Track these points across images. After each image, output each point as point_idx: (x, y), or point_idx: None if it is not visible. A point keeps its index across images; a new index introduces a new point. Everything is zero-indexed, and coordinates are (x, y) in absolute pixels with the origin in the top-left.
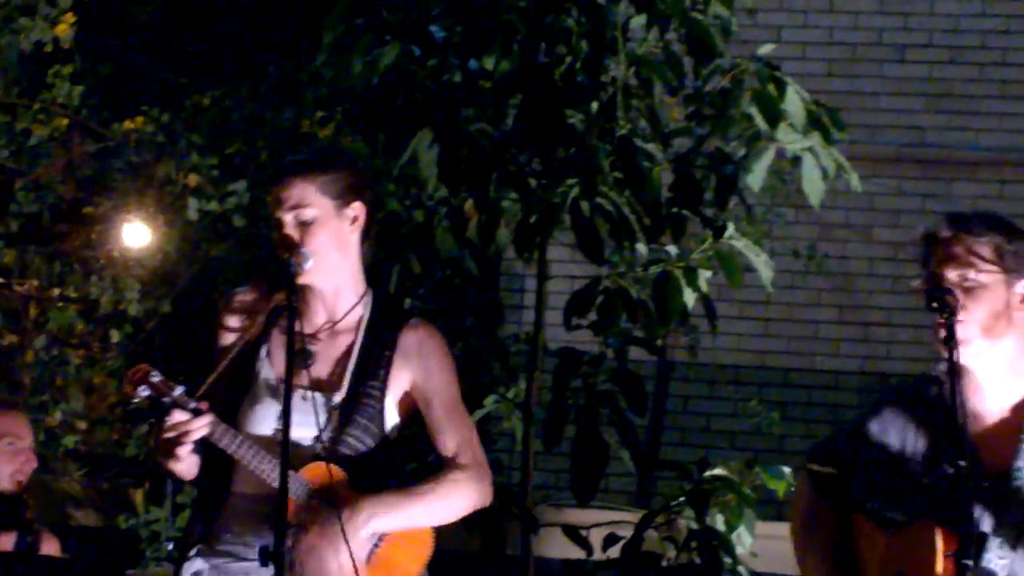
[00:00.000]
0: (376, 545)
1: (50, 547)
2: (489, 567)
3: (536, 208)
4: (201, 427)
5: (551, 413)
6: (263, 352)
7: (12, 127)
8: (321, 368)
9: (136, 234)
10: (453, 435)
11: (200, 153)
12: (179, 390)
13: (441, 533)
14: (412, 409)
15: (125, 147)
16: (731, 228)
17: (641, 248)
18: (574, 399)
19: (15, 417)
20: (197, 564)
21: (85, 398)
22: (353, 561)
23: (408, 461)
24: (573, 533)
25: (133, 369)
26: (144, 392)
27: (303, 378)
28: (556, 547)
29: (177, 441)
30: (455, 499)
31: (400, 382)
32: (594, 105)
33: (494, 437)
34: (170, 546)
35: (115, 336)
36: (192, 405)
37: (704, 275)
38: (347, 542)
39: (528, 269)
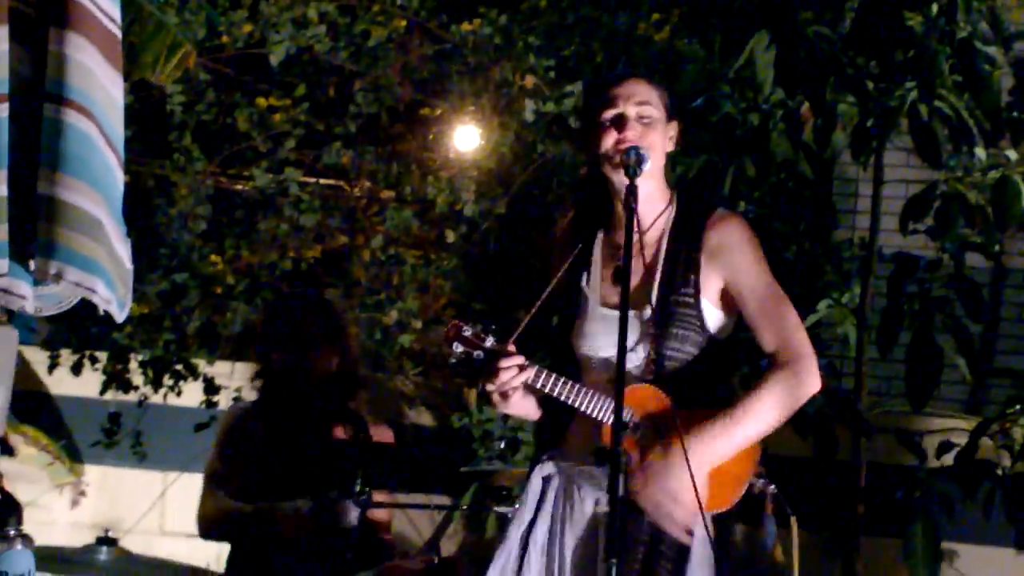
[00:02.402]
0: None
1: (385, 437)
2: (822, 472)
3: (873, 111)
4: (515, 379)
5: (885, 319)
6: (584, 279)
7: (351, 28)
8: (632, 282)
9: (470, 136)
10: (769, 330)
11: (536, 55)
12: (490, 341)
13: (772, 437)
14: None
15: (462, 49)
16: None
17: (980, 152)
18: (909, 305)
19: None
20: (548, 468)
21: (420, 298)
22: (697, 495)
23: (741, 365)
24: (906, 439)
25: (447, 327)
26: (458, 349)
27: (615, 297)
28: (889, 453)
29: (501, 393)
30: (771, 409)
31: (712, 281)
32: (934, 7)
33: (827, 342)
34: (502, 445)
35: (450, 237)
36: (503, 356)
37: None
38: (692, 477)
39: (863, 173)
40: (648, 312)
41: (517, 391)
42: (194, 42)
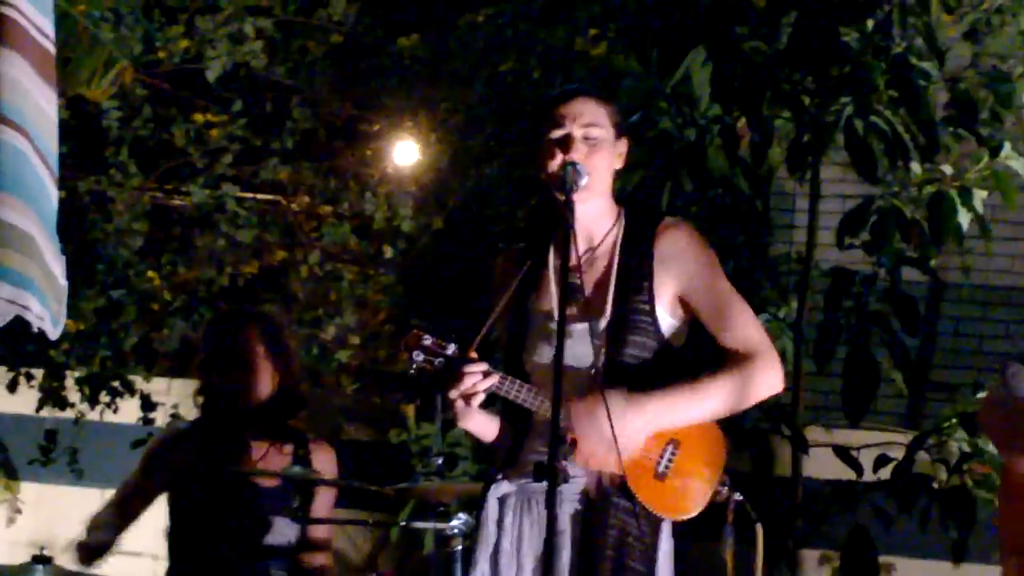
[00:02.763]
0: (670, 459)
1: (326, 457)
2: (758, 487)
3: (809, 127)
4: (480, 384)
5: (822, 333)
6: (530, 298)
7: (289, 44)
8: (586, 296)
9: (407, 152)
10: (728, 330)
11: (473, 69)
12: (452, 348)
13: None
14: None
15: (399, 64)
16: (1007, 147)
17: (915, 167)
18: (846, 319)
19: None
20: (504, 487)
21: (358, 313)
22: (619, 457)
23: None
24: (843, 454)
25: (406, 336)
26: (419, 357)
27: (573, 310)
28: (826, 468)
29: (465, 399)
30: (750, 385)
31: (666, 288)
32: (870, 23)
33: None
34: (439, 461)
35: (388, 252)
36: (466, 362)
37: (979, 195)
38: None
39: (800, 188)
40: (604, 322)
41: (479, 399)
42: (130, 57)
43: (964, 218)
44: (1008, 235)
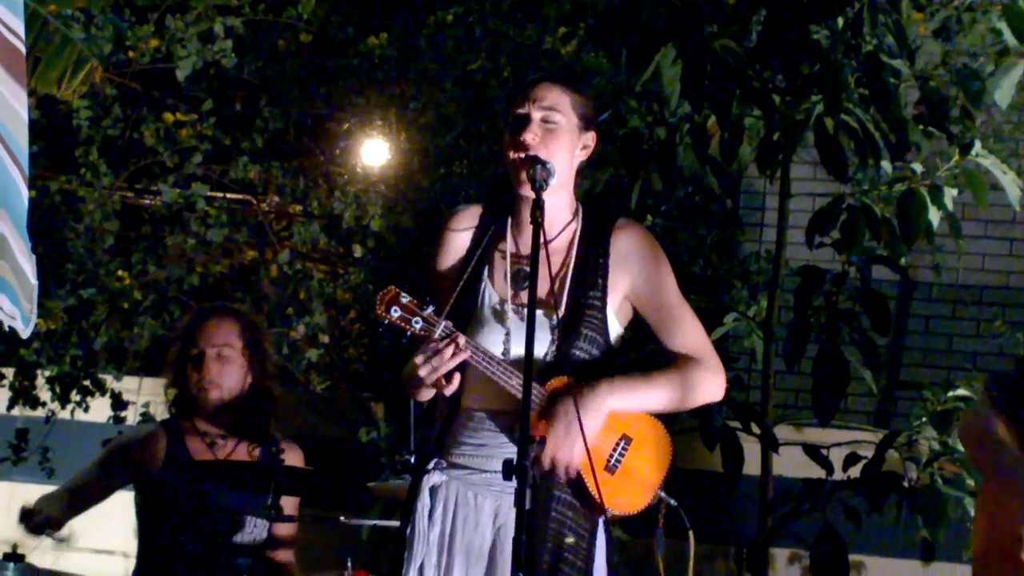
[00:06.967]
0: (621, 454)
1: (294, 457)
2: (729, 485)
3: (779, 125)
4: (461, 354)
5: (792, 332)
6: (484, 273)
7: (259, 43)
8: (540, 286)
9: (377, 151)
10: (679, 334)
11: (442, 68)
12: (429, 309)
13: (681, 450)
14: (631, 313)
15: (368, 63)
16: (978, 145)
17: (885, 166)
18: (816, 318)
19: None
20: (435, 477)
21: (328, 312)
22: (584, 439)
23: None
24: (813, 452)
25: (383, 291)
26: (395, 313)
27: (522, 298)
28: (796, 466)
29: (448, 368)
30: (693, 386)
31: (618, 287)
32: (840, 21)
33: (734, 355)
34: (412, 460)
35: (357, 251)
36: (442, 325)
37: (950, 193)
38: (581, 423)
39: (770, 187)
40: (556, 315)
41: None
42: (100, 57)
43: (934, 216)
44: (978, 233)
